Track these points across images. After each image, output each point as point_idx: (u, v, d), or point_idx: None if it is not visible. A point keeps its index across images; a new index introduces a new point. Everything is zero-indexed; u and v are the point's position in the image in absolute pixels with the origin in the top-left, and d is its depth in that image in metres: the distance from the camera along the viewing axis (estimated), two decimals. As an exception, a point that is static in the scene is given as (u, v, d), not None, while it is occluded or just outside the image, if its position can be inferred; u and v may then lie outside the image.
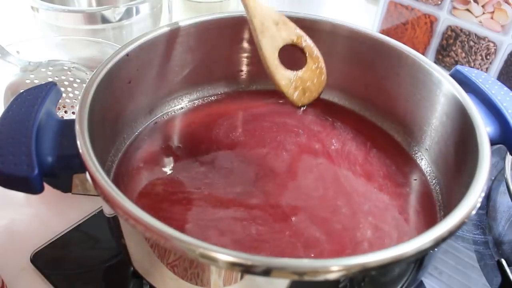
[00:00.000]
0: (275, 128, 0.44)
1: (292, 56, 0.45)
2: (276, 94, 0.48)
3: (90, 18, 0.58)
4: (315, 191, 0.37)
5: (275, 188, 0.37)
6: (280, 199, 0.36)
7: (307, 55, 0.38)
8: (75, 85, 0.49)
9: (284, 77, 0.36)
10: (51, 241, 0.42)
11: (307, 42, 0.39)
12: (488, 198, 0.50)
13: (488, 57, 0.61)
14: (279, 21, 0.37)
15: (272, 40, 0.36)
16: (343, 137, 0.43)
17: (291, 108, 0.46)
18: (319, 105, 0.47)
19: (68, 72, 0.49)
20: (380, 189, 0.39)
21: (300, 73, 0.37)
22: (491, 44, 0.60)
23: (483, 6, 0.59)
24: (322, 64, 0.39)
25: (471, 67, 0.59)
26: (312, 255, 0.32)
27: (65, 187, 0.32)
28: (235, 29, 0.45)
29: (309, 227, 0.34)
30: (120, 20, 0.59)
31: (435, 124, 0.40)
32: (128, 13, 0.59)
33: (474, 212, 0.28)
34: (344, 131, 0.44)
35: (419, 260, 0.30)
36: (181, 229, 0.33)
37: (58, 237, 0.42)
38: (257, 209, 0.35)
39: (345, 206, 0.36)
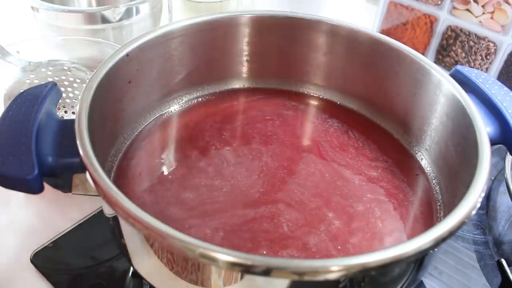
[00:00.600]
0: (276, 125, 0.44)
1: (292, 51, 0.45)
2: (276, 91, 0.48)
3: (90, 18, 0.58)
4: (323, 190, 0.38)
5: (285, 181, 0.38)
6: (295, 191, 0.37)
7: None
8: (75, 85, 0.49)
9: None
10: (51, 241, 0.42)
11: None
12: (488, 198, 0.50)
13: (488, 57, 0.61)
14: None
15: None
16: (343, 136, 0.43)
17: (292, 106, 0.47)
18: (320, 104, 0.48)
19: (68, 72, 0.49)
20: (379, 188, 0.39)
21: None
22: (491, 44, 0.60)
23: (483, 6, 0.59)
24: None
25: (471, 67, 0.59)
26: (339, 247, 0.33)
27: (65, 187, 0.32)
28: (234, 29, 0.45)
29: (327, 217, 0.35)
30: (120, 20, 0.59)
31: (435, 124, 0.40)
32: (128, 13, 0.59)
33: (474, 212, 0.28)
34: (345, 129, 0.44)
35: (419, 260, 0.30)
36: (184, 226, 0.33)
37: (58, 237, 0.42)
38: (276, 204, 0.36)
39: (350, 204, 0.37)
